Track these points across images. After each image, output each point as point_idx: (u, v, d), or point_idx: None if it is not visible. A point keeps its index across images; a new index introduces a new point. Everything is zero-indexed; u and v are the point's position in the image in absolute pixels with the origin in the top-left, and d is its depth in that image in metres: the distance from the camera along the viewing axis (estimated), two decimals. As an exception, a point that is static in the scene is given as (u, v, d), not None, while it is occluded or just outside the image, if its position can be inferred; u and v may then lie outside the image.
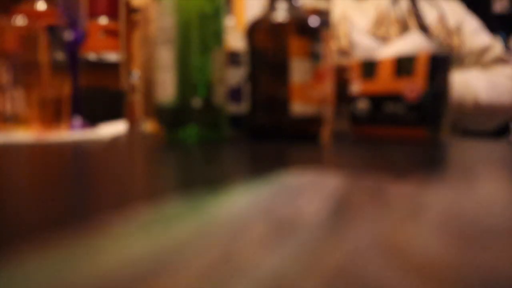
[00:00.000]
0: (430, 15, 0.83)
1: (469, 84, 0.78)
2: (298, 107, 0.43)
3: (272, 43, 0.44)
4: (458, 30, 0.84)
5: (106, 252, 0.08)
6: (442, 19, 0.83)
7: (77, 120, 0.57)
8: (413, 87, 0.44)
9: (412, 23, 0.82)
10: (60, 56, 0.54)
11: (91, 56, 1.19)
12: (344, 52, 0.76)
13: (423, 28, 0.82)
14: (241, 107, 0.50)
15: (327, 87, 0.47)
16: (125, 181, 0.18)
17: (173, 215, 0.11)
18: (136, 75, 0.72)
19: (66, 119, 0.55)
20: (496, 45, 0.86)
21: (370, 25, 0.80)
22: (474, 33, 0.85)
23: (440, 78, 0.45)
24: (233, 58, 0.53)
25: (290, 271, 0.07)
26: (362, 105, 0.48)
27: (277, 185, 0.15)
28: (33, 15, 0.82)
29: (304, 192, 0.14)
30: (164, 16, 0.41)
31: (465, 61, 0.84)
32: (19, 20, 0.52)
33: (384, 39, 0.79)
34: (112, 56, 1.20)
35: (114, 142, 0.43)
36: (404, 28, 0.82)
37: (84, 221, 0.10)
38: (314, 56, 0.44)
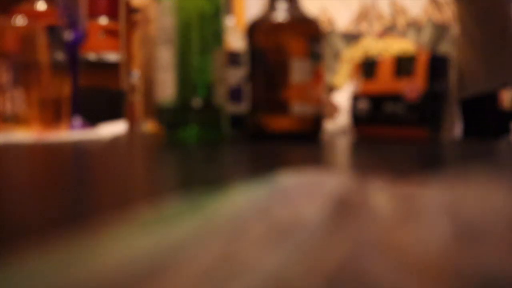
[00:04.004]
0: (418, 3, 0.81)
1: None
2: (298, 107, 0.43)
3: (272, 43, 0.44)
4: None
5: (106, 252, 0.08)
6: None
7: (77, 120, 0.57)
8: (413, 87, 0.44)
9: (400, 19, 0.82)
10: (60, 56, 0.54)
11: (91, 56, 1.19)
12: None
13: (412, 23, 0.81)
14: (241, 107, 0.50)
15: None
16: (125, 181, 0.18)
17: (173, 215, 0.11)
18: (136, 75, 0.72)
19: (66, 119, 0.55)
20: None
21: (351, 19, 0.79)
22: None
23: (440, 78, 0.45)
24: (233, 58, 0.53)
25: (290, 271, 0.07)
26: (362, 105, 0.48)
27: (276, 185, 0.15)
28: (33, 15, 0.82)
29: (304, 192, 0.14)
30: (164, 16, 0.41)
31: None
32: (19, 20, 0.52)
33: (365, 34, 0.78)
34: (112, 56, 1.20)
35: (114, 142, 0.43)
36: (390, 24, 0.81)
37: (84, 221, 0.10)
38: (314, 56, 0.44)
